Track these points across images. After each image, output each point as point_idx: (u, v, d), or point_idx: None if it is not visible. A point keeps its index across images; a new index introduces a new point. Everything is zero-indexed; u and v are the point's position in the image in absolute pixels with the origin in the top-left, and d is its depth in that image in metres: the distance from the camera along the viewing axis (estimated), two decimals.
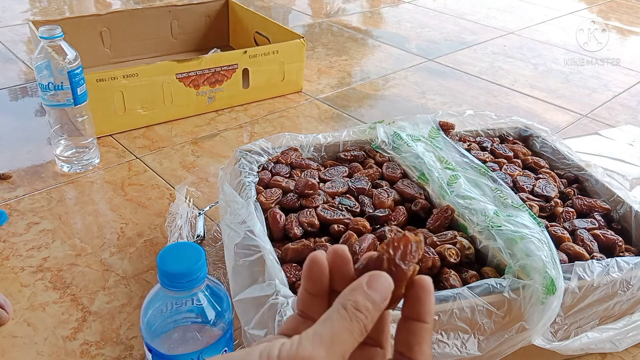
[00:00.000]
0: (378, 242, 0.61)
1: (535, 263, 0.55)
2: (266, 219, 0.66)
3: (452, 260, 0.60)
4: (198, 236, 0.80)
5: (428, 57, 1.58)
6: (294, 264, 0.60)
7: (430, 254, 0.60)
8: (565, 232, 0.68)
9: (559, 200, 0.75)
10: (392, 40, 1.70)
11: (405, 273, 0.29)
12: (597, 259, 0.63)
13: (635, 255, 0.67)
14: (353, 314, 0.27)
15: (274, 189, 0.71)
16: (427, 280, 0.30)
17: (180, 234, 0.79)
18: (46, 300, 0.70)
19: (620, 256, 0.65)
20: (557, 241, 0.66)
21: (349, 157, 0.81)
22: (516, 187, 0.77)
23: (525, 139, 0.91)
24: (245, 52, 1.15)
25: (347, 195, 0.72)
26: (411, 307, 0.30)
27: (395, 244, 0.29)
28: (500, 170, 0.80)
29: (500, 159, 0.83)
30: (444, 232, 0.65)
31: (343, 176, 0.76)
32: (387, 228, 0.64)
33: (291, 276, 0.58)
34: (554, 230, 0.68)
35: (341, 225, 0.65)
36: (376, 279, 0.28)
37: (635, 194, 0.79)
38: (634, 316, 0.63)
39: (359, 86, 1.37)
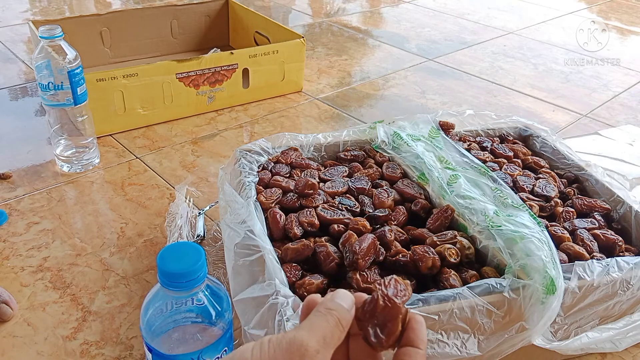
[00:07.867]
0: (378, 242, 0.61)
1: (535, 263, 0.55)
2: (266, 218, 0.66)
3: (452, 260, 0.60)
4: (198, 236, 0.80)
5: (428, 57, 1.58)
6: (294, 264, 0.60)
7: (430, 254, 0.60)
8: (565, 232, 0.68)
9: (559, 200, 0.75)
10: (392, 40, 1.70)
11: (399, 307, 0.33)
12: (597, 259, 0.63)
13: (635, 255, 0.67)
14: (327, 311, 0.33)
15: (274, 189, 0.71)
16: (419, 316, 0.35)
17: (180, 234, 0.79)
18: (46, 300, 0.70)
19: (620, 256, 0.65)
20: (557, 241, 0.66)
21: (349, 157, 0.81)
22: (516, 187, 0.77)
23: (525, 138, 0.91)
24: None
25: (347, 195, 0.72)
26: (407, 336, 0.34)
27: (387, 282, 0.34)
28: (500, 170, 0.80)
29: (500, 159, 0.83)
30: (444, 232, 0.64)
31: (343, 176, 0.76)
32: (387, 228, 0.64)
33: (291, 276, 0.58)
34: (554, 230, 0.68)
35: (341, 225, 0.65)
36: (337, 292, 0.34)
37: (635, 194, 0.79)
38: (634, 316, 0.63)
39: (359, 86, 1.37)
